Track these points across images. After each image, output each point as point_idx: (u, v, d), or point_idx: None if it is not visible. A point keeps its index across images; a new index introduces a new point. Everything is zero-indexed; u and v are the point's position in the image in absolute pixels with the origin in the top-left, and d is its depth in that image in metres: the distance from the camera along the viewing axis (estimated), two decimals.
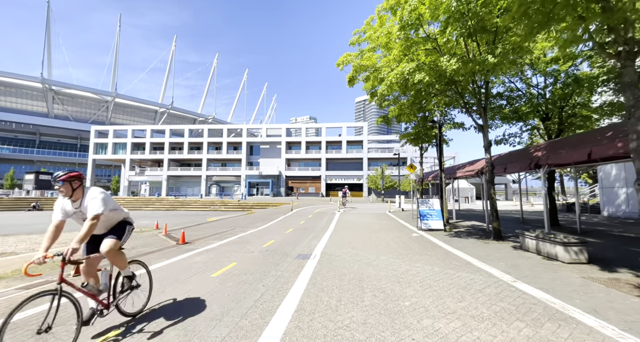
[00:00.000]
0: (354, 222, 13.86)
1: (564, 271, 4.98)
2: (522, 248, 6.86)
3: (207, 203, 31.95)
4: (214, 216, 20.71)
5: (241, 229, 12.03)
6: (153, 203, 32.77)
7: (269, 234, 10.45)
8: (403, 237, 9.15)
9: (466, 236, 9.21)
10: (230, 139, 56.49)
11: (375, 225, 12.57)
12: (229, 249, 7.55)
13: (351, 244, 8.11)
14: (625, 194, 15.23)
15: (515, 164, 8.56)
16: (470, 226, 12.07)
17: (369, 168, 52.08)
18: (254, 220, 15.92)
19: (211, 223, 15.23)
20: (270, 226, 12.92)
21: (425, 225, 10.40)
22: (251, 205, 30.14)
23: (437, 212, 10.51)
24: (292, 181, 54.55)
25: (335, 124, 55.94)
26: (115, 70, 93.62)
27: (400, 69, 6.90)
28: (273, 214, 19.22)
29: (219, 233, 10.89)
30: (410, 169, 15.14)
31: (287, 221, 14.76)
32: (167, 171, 56.13)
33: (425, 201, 10.77)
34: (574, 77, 9.98)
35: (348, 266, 5.60)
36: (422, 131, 13.44)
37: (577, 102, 11.00)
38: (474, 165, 11.77)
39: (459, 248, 7.21)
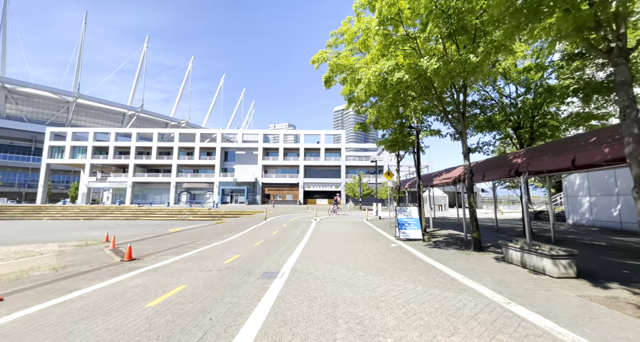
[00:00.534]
0: (330, 231, 13.10)
1: (556, 287, 4.54)
2: (505, 260, 6.46)
3: (174, 212, 29.68)
4: (179, 226, 18.98)
5: (205, 242, 10.80)
6: (112, 212, 29.82)
7: (235, 247, 9.36)
8: (381, 249, 8.52)
9: (445, 246, 8.78)
10: (204, 144, 54.02)
11: (352, 234, 11.89)
12: (183, 267, 6.44)
13: (326, 257, 7.32)
14: (588, 202, 15.92)
15: (494, 171, 8.33)
16: (447, 235, 11.78)
17: (347, 176, 52.00)
18: (222, 230, 14.63)
19: (173, 234, 13.73)
20: (238, 238, 11.78)
21: (404, 234, 9.88)
22: (223, 213, 28.41)
23: (415, 221, 10.05)
24: (269, 188, 52.99)
25: (313, 131, 55.59)
26: (79, 69, 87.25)
27: (379, 66, 6.39)
28: (245, 223, 17.97)
29: (178, 247, 9.61)
30: (387, 176, 14.79)
31: (259, 231, 13.67)
32: (132, 177, 52.22)
33: (404, 209, 10.30)
34: (546, 86, 10.16)
35: (320, 286, 4.79)
36: (400, 138, 13.16)
37: (548, 111, 11.25)
38: (450, 173, 11.58)
39: (441, 261, 6.67)
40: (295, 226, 15.61)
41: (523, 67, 10.61)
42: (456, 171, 11.18)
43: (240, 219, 21.61)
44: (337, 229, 14.19)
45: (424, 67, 6.22)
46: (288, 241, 10.50)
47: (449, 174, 11.56)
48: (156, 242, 10.79)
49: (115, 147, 54.10)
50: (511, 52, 5.61)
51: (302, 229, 14.11)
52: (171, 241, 11.27)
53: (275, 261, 6.89)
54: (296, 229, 14.45)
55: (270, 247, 8.98)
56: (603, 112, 10.52)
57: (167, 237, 12.58)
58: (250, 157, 54.19)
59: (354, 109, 18.19)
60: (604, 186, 14.80)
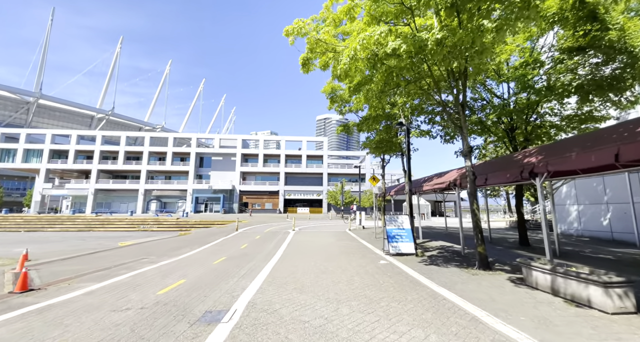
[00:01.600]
0: (308, 244, 11.39)
1: (624, 332, 3.16)
2: (525, 283, 5.10)
3: (136, 222, 26.59)
4: (137, 238, 16.43)
5: (153, 259, 8.73)
6: (63, 222, 26.18)
7: (187, 267, 7.42)
8: (369, 267, 6.96)
9: (444, 263, 7.38)
10: (177, 148, 50.74)
11: (333, 247, 10.27)
12: (92, 302, 4.51)
13: (299, 281, 5.64)
14: (576, 211, 15.39)
15: (499, 173, 7.12)
16: (440, 247, 10.47)
17: (329, 183, 50.62)
18: (182, 244, 12.48)
19: (119, 250, 11.42)
20: (197, 253, 9.78)
21: (394, 248, 8.40)
22: (192, 224, 25.78)
23: (407, 232, 8.63)
24: (247, 196, 50.33)
25: (295, 137, 54.10)
26: (42, 68, 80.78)
27: (368, 34, 4.98)
28: (212, 235, 15.81)
29: (112, 267, 7.50)
30: (373, 181, 13.43)
31: (225, 245, 11.70)
32: (94, 183, 47.70)
33: (394, 219, 8.87)
34: (545, 83, 9.32)
35: (284, 338, 3.12)
36: (386, 138, 11.92)
37: (544, 111, 10.45)
38: (443, 178, 10.38)
39: (447, 285, 5.21)
40: (270, 238, 13.74)
41: (519, 63, 9.78)
42: (450, 175, 9.99)
43: (210, 230, 19.32)
44: (317, 240, 12.51)
45: (423, 38, 4.90)
46: (256, 257, 8.68)
47: (441, 178, 10.35)
48: (88, 261, 8.55)
49: (76, 150, 49.52)
50: (537, 12, 4.39)
51: (276, 242, 12.28)
52: (110, 259, 9.07)
53: (230, 291, 5.10)
54: (270, 241, 12.60)
55: (231, 267, 7.14)
56: (601, 115, 9.83)
57: (108, 254, 10.29)
58: (228, 164, 51.51)
59: (337, 109, 16.91)
60: (593, 194, 14.30)
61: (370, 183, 15.00)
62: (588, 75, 8.62)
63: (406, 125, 9.14)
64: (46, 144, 48.55)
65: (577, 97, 9.62)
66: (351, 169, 53.82)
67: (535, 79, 9.85)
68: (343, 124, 17.93)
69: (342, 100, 15.46)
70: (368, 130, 14.00)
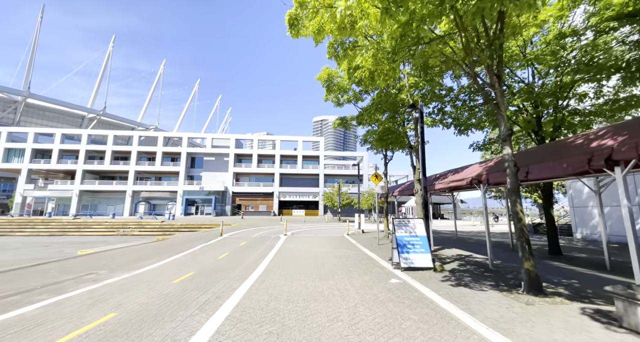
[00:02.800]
0: (300, 253, 9.57)
1: None
2: (622, 325, 3.36)
3: (117, 225, 24.51)
4: (112, 244, 14.46)
5: (99, 276, 6.85)
6: (34, 226, 23.99)
7: (131, 289, 5.57)
8: (378, 289, 5.18)
9: (474, 282, 5.63)
10: (167, 148, 48.62)
11: (330, 258, 8.46)
12: None
13: (279, 317, 3.84)
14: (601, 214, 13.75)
15: (550, 164, 5.40)
16: (457, 257, 8.72)
17: (326, 185, 48.83)
18: (151, 252, 10.57)
19: (71, 261, 9.49)
20: (160, 267, 7.91)
21: (406, 261, 6.63)
22: (177, 227, 23.79)
23: (422, 240, 6.86)
24: (241, 198, 48.29)
25: (291, 137, 52.26)
26: (31, 67, 78.20)
27: None
28: (192, 241, 13.91)
29: (34, 290, 5.61)
30: (375, 179, 11.67)
31: (201, 254, 9.83)
32: (79, 184, 45.37)
33: (404, 223, 7.10)
34: (586, 59, 7.66)
35: None
36: (392, 128, 10.19)
37: (578, 94, 8.81)
38: (461, 174, 8.67)
39: (500, 325, 3.45)
40: (256, 245, 11.89)
41: (553, 35, 8.15)
42: (471, 170, 8.28)
43: (193, 235, 17.38)
44: (310, 249, 10.69)
45: None
46: (232, 273, 6.85)
47: (459, 174, 8.63)
48: (12, 280, 6.63)
49: (61, 150, 47.20)
50: None
51: (262, 250, 10.44)
52: (49, 274, 7.16)
53: (172, 336, 3.28)
54: (255, 249, 10.75)
55: (192, 290, 5.31)
56: None
57: (52, 266, 8.34)
58: (221, 164, 49.52)
59: (334, 101, 15.17)
60: None
61: (370, 183, 13.27)
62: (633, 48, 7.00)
63: (419, 108, 7.41)
64: (28, 142, 46.20)
65: (618, 79, 8.04)
66: (348, 170, 52.15)
67: (572, 54, 8.21)
68: (340, 118, 16.21)
69: (339, 89, 13.75)
70: (369, 122, 12.31)
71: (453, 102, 10.00)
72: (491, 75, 5.46)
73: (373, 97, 13.68)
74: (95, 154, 49.58)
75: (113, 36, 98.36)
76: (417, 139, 9.38)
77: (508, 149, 5.27)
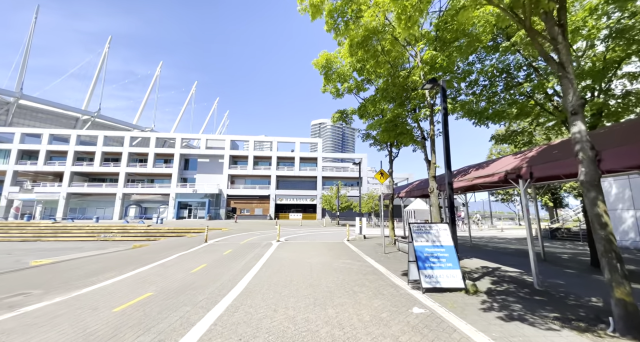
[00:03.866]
0: (292, 266, 7.94)
1: None
2: None
3: (98, 230, 22.70)
4: (86, 251, 12.76)
5: (28, 298, 5.20)
6: (8, 230, 21.99)
7: (48, 323, 3.93)
8: (397, 328, 3.57)
9: (529, 313, 4.04)
10: (159, 149, 46.92)
11: (328, 273, 6.85)
12: None
13: None
14: (633, 218, 12.27)
15: None
16: (485, 270, 7.14)
17: (324, 188, 47.21)
18: (118, 263, 8.89)
19: (20, 272, 7.82)
20: (115, 284, 6.25)
21: (429, 279, 5.02)
22: (164, 232, 22.03)
23: (447, 252, 5.27)
24: (236, 201, 46.51)
25: (288, 138, 50.69)
26: (24, 67, 76.53)
27: None
28: (172, 248, 12.23)
29: None
30: (380, 177, 10.10)
31: (173, 266, 8.17)
32: (67, 187, 43.48)
33: (424, 230, 5.52)
34: None
35: None
36: (402, 115, 8.66)
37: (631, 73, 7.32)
38: (490, 168, 7.12)
39: None
40: (243, 253, 10.24)
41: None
42: (503, 163, 6.74)
43: (176, 241, 15.67)
44: (305, 258, 9.05)
45: None
46: (202, 293, 5.23)
47: (487, 169, 7.08)
48: None
49: (48, 151, 45.42)
50: None
51: (248, 260, 8.79)
52: None
53: None
54: (241, 258, 9.10)
55: (130, 328, 3.68)
56: None
57: None
58: (215, 166, 47.83)
59: (333, 92, 13.61)
60: None
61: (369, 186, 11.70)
62: None
63: (441, 83, 5.88)
64: (14, 143, 44.35)
65: None
66: (347, 172, 50.61)
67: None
68: (340, 111, 14.66)
69: (339, 77, 12.25)
70: (374, 113, 10.81)
71: (476, 85, 8.52)
72: (551, 25, 3.94)
73: (378, 87, 12.21)
74: (85, 155, 47.77)
75: (109, 37, 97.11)
76: (432, 127, 7.86)
77: (580, 125, 3.73)
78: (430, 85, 5.92)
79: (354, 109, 14.31)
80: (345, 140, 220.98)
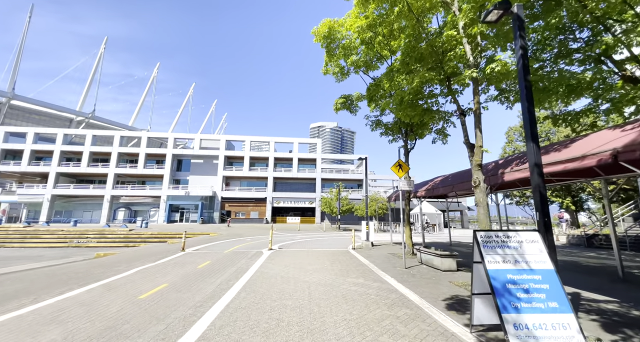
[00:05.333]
0: (284, 286, 5.69)
1: None
2: None
3: (73, 234, 20.35)
4: (36, 261, 10.48)
5: None
6: None
7: None
8: None
9: None
10: (151, 149, 44.65)
11: (336, 305, 4.62)
12: None
13: None
14: None
15: None
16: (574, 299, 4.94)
17: (323, 190, 44.97)
18: (50, 281, 6.61)
19: None
20: (12, 321, 3.99)
21: (520, 330, 2.81)
22: (145, 237, 19.69)
23: (546, 280, 3.06)
24: (230, 203, 44.15)
25: (286, 138, 48.53)
26: (17, 67, 74.39)
27: None
28: (140, 258, 9.94)
29: None
30: (397, 171, 7.90)
31: (119, 288, 5.91)
32: (51, 188, 41.06)
33: (502, 243, 3.30)
34: None
35: None
36: (434, 82, 6.49)
37: None
38: (575, 148, 4.95)
39: None
40: (222, 267, 7.97)
41: None
42: (593, 141, 4.57)
43: (153, 248, 13.34)
44: (301, 275, 6.81)
45: None
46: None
47: (570, 151, 4.90)
48: None
49: (33, 150, 43.11)
50: None
51: (225, 279, 6.54)
52: None
53: None
54: (216, 276, 6.85)
55: None
56: None
57: None
58: (209, 167, 45.58)
59: (335, 74, 11.53)
60: None
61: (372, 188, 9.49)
62: None
63: (516, 10, 3.73)
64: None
65: None
66: (347, 174, 48.43)
67: None
68: (344, 96, 12.44)
69: (345, 50, 10.14)
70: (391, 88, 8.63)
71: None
72: None
73: (393, 60, 10.09)
74: (73, 155, 45.48)
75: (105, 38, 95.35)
76: (477, 98, 5.68)
77: None
78: (499, 13, 3.77)
79: (361, 94, 12.19)
80: (344, 144, 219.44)
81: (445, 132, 10.23)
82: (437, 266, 7.18)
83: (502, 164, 6.28)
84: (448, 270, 7.02)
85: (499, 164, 6.57)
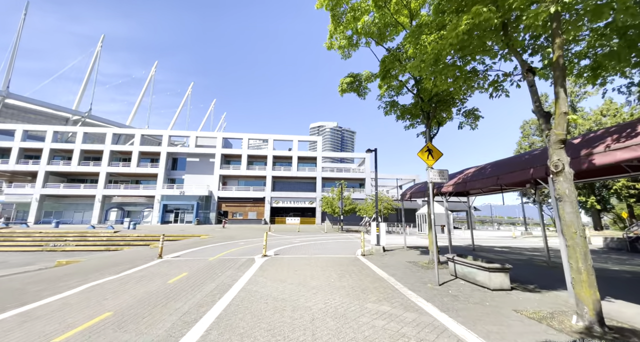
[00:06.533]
0: (276, 317, 3.87)
1: None
2: None
3: (51, 237, 18.55)
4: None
5: None
6: None
7: None
8: None
9: None
10: (144, 147, 42.83)
11: None
12: None
13: None
14: None
15: None
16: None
17: (324, 190, 43.13)
18: None
19: None
20: None
21: None
22: (130, 240, 17.88)
23: None
24: (227, 203, 42.32)
25: (285, 136, 46.70)
26: (11, 65, 72.78)
27: None
28: (106, 267, 8.11)
29: None
30: (427, 157, 6.10)
31: (41, 319, 4.08)
32: (40, 188, 39.26)
33: None
34: None
35: None
36: (490, 23, 4.67)
37: None
38: None
39: None
40: (198, 283, 6.14)
41: None
42: None
43: (122, 255, 11.47)
44: (301, 301, 4.98)
45: None
46: None
47: None
48: None
49: (22, 149, 41.33)
50: None
51: (195, 304, 4.71)
52: None
53: None
54: (186, 298, 5.03)
55: None
56: None
57: None
58: (206, 166, 43.77)
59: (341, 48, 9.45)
60: None
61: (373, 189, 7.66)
62: None
63: None
64: None
65: None
66: (349, 173, 46.55)
67: None
68: (352, 75, 10.56)
69: (354, 11, 8.33)
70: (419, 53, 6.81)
71: None
72: None
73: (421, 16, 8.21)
74: (63, 153, 43.68)
75: (102, 36, 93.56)
76: (559, 41, 3.87)
77: None
78: None
79: (371, 74, 10.39)
80: (344, 144, 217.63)
81: (477, 113, 8.43)
82: (483, 283, 5.36)
83: (584, 143, 4.45)
84: (499, 289, 5.20)
85: (573, 143, 4.75)
